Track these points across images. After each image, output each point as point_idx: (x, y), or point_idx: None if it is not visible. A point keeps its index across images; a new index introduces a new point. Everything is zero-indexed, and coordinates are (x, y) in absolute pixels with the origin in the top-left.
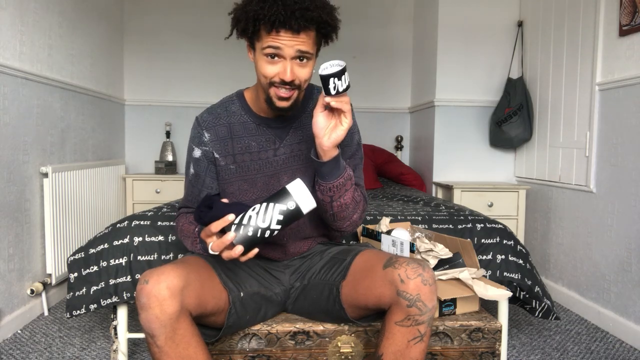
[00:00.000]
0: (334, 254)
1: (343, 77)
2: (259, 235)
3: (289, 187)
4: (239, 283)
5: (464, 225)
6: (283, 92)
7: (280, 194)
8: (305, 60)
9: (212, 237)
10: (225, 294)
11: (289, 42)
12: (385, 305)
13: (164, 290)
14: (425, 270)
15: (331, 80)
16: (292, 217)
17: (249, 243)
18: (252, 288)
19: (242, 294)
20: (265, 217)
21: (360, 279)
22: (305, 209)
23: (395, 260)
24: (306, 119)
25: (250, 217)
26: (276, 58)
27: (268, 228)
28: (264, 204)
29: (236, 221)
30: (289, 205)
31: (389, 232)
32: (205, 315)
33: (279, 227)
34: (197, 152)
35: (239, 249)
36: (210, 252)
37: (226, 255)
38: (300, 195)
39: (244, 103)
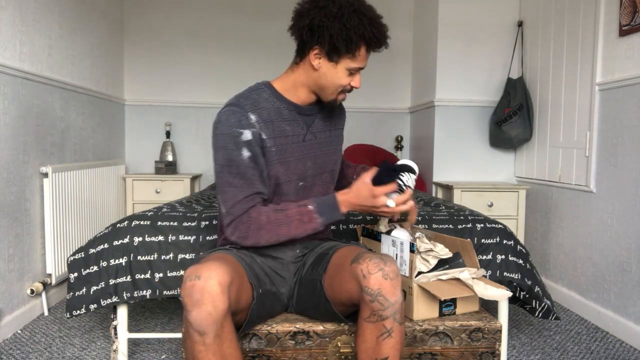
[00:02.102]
0: (323, 250)
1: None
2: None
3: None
4: (257, 279)
5: (464, 225)
6: (345, 95)
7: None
8: None
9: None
10: (250, 290)
11: (366, 59)
12: (356, 301)
13: (216, 286)
14: (387, 264)
15: (406, 174)
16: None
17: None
18: (265, 286)
19: (260, 290)
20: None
21: (335, 275)
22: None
23: (360, 256)
24: (326, 111)
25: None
26: (355, 71)
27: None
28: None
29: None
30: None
31: (389, 232)
32: (236, 313)
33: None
34: (248, 134)
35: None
36: (390, 205)
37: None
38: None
39: (275, 91)
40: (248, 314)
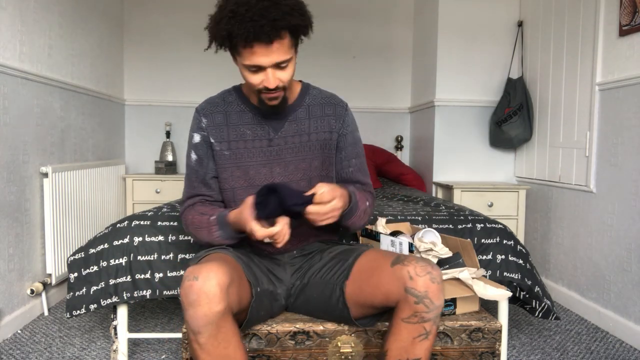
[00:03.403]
0: (335, 254)
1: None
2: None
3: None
4: (255, 278)
5: (464, 225)
6: (271, 94)
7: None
8: (284, 64)
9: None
10: (249, 288)
11: (264, 55)
12: (392, 302)
13: (214, 287)
14: (434, 269)
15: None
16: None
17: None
18: (263, 285)
19: (258, 289)
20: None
21: (367, 278)
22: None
23: (404, 258)
24: (302, 113)
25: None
26: (257, 69)
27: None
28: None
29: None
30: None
31: (395, 235)
32: (238, 312)
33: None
34: (197, 137)
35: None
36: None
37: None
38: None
39: (241, 94)
40: (248, 312)
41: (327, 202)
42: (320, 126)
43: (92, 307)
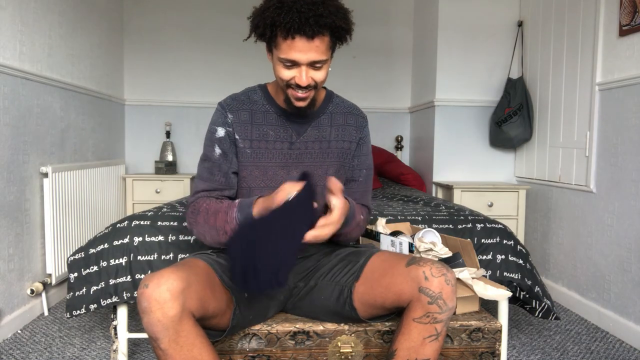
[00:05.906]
0: (343, 256)
1: None
2: None
3: None
4: None
5: (464, 225)
6: (300, 93)
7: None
8: (320, 64)
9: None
10: (227, 295)
11: (302, 51)
12: (404, 302)
13: (165, 293)
14: (449, 271)
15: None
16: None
17: None
18: None
19: (246, 295)
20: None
21: (379, 278)
22: None
23: (419, 259)
24: (324, 120)
25: None
26: (292, 65)
27: None
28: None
29: None
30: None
31: (394, 234)
32: (207, 317)
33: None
34: (221, 132)
35: None
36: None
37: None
38: None
39: (267, 94)
40: (230, 318)
41: (334, 222)
42: (341, 135)
43: (92, 307)
